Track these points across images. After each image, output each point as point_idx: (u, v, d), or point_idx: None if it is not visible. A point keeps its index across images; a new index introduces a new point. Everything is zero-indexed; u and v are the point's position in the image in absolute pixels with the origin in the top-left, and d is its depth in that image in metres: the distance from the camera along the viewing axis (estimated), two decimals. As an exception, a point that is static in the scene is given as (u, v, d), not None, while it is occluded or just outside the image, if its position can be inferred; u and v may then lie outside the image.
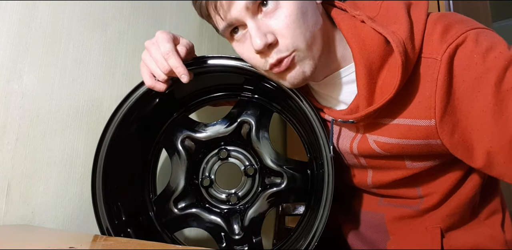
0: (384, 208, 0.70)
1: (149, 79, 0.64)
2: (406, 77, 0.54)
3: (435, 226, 0.64)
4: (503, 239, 0.64)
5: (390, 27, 0.55)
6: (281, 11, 0.52)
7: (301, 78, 0.56)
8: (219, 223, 0.77)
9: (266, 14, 0.53)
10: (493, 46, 0.51)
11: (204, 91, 0.83)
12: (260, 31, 0.52)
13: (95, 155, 0.68)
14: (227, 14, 0.53)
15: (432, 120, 0.54)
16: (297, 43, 0.53)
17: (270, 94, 0.76)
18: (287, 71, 0.56)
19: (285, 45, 0.53)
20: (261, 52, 0.54)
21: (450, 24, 0.54)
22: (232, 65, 0.66)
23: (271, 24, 0.53)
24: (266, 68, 0.56)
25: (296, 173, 0.75)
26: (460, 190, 0.64)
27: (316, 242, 0.58)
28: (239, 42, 0.57)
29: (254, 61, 0.57)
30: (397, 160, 0.62)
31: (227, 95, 0.84)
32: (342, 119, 0.60)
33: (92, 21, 0.84)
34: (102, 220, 0.66)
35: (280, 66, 0.55)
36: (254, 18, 0.53)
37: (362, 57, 0.55)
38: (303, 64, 0.55)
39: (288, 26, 0.52)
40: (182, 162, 0.79)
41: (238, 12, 0.52)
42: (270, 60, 0.55)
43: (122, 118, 0.69)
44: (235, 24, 0.55)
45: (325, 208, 0.59)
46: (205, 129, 0.79)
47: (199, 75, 0.71)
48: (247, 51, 0.57)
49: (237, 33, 0.57)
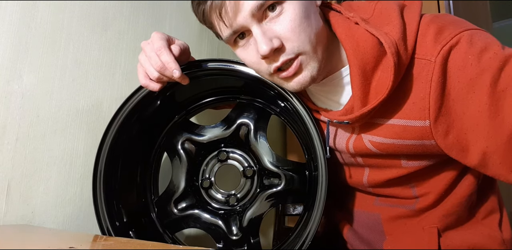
0: (380, 208, 0.70)
1: (143, 78, 0.64)
2: (399, 78, 0.54)
3: (432, 226, 0.64)
4: (500, 238, 0.64)
5: (383, 28, 0.55)
6: (285, 15, 0.53)
7: (307, 83, 0.57)
8: (218, 224, 0.78)
9: (271, 19, 0.53)
10: (487, 47, 0.51)
11: (204, 94, 0.83)
12: (265, 36, 0.52)
13: (96, 156, 0.68)
14: (233, 22, 0.53)
15: (427, 121, 0.54)
16: (303, 46, 0.54)
17: (268, 97, 0.76)
18: (295, 76, 0.56)
19: (291, 48, 0.54)
20: (266, 57, 0.54)
21: (444, 25, 0.54)
22: (231, 69, 0.66)
23: (276, 29, 0.53)
24: (270, 71, 0.56)
25: (294, 174, 0.75)
26: (456, 189, 0.64)
27: (310, 242, 0.58)
28: (243, 48, 0.58)
29: (258, 66, 0.57)
30: (393, 158, 0.63)
31: (226, 98, 0.84)
32: (338, 120, 0.60)
33: (92, 21, 0.84)
34: (103, 221, 0.67)
35: (288, 71, 0.55)
36: (260, 24, 0.53)
37: (356, 58, 0.55)
38: (310, 67, 0.56)
39: (293, 30, 0.53)
40: (183, 164, 0.80)
41: (243, 19, 0.53)
42: (275, 63, 0.55)
43: (124, 120, 0.69)
44: (240, 31, 0.55)
45: (318, 209, 0.59)
46: (204, 131, 0.80)
47: (199, 78, 0.71)
48: (251, 56, 0.57)
49: (242, 40, 0.57)
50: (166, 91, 0.74)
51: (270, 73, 0.57)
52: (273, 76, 0.58)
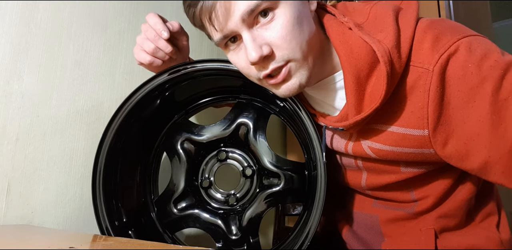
0: (378, 210, 0.70)
1: (140, 54, 0.67)
2: (393, 86, 0.53)
3: (429, 227, 0.64)
4: (499, 239, 0.64)
5: (376, 35, 0.54)
6: (277, 22, 0.51)
7: (296, 90, 0.56)
8: (217, 223, 0.78)
9: (262, 25, 0.52)
10: (487, 54, 0.50)
11: (203, 94, 0.83)
12: (255, 43, 0.51)
13: (96, 156, 0.68)
14: (223, 27, 0.52)
15: (425, 131, 0.53)
16: (293, 53, 0.52)
17: (267, 96, 0.76)
18: (283, 83, 0.55)
19: (281, 56, 0.52)
20: (255, 64, 0.53)
21: (441, 32, 0.53)
22: (230, 69, 0.66)
23: (266, 36, 0.52)
24: (260, 77, 0.56)
25: (293, 174, 0.75)
26: (455, 193, 0.64)
27: (309, 242, 0.59)
28: (234, 52, 0.57)
29: (248, 71, 0.57)
30: (392, 164, 0.62)
31: (226, 98, 0.84)
32: (333, 127, 0.60)
33: (92, 21, 0.84)
34: (102, 221, 0.67)
35: (277, 78, 0.54)
36: (250, 29, 0.52)
37: (350, 65, 0.54)
38: (299, 75, 0.55)
39: (283, 37, 0.51)
40: (182, 164, 0.80)
41: (234, 24, 0.52)
42: (264, 71, 0.54)
43: (123, 120, 0.69)
44: (230, 36, 0.54)
45: (317, 209, 0.59)
46: (204, 131, 0.80)
47: (198, 78, 0.71)
48: (241, 60, 0.56)
49: (233, 43, 0.56)
50: (166, 91, 0.74)
51: (259, 79, 0.57)
52: (262, 81, 0.57)
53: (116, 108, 0.69)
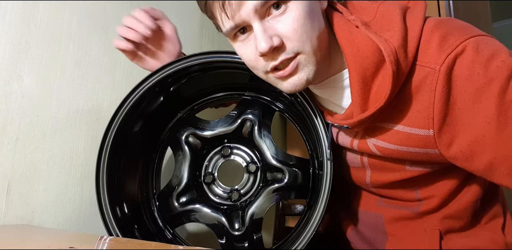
0: (383, 208, 0.70)
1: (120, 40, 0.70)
2: (398, 86, 0.53)
3: (434, 228, 0.64)
4: (504, 241, 0.64)
5: (383, 34, 0.54)
6: (289, 14, 0.52)
7: (302, 85, 0.56)
8: (220, 219, 0.78)
9: (274, 17, 0.52)
10: (494, 55, 0.49)
11: (209, 90, 0.83)
12: (266, 33, 0.51)
13: (99, 151, 0.67)
14: (235, 15, 0.52)
15: (431, 131, 0.53)
16: (303, 46, 0.53)
17: (274, 93, 0.76)
18: (289, 76, 0.55)
19: (291, 48, 0.53)
20: (264, 55, 0.53)
21: (448, 31, 0.52)
22: (236, 61, 0.66)
23: (278, 28, 0.52)
24: (267, 69, 0.55)
25: (297, 170, 0.75)
26: (460, 194, 0.64)
27: (308, 241, 0.59)
28: (242, 43, 0.56)
29: (255, 63, 0.56)
30: (398, 162, 0.62)
31: (231, 95, 0.84)
32: (338, 124, 0.60)
33: (92, 21, 0.84)
34: (107, 217, 0.66)
35: (284, 70, 0.54)
36: (261, 21, 0.52)
37: (355, 63, 0.54)
38: (306, 70, 0.55)
39: (295, 30, 0.51)
40: (186, 159, 0.80)
41: (246, 14, 0.52)
42: (273, 62, 0.54)
43: (126, 115, 0.69)
44: (241, 26, 0.54)
45: (320, 207, 0.59)
46: (208, 126, 0.80)
47: (205, 72, 0.70)
48: (249, 52, 0.56)
49: (242, 34, 0.56)
50: (169, 86, 0.74)
51: (266, 71, 0.56)
52: (268, 74, 0.57)
53: (119, 104, 0.68)
